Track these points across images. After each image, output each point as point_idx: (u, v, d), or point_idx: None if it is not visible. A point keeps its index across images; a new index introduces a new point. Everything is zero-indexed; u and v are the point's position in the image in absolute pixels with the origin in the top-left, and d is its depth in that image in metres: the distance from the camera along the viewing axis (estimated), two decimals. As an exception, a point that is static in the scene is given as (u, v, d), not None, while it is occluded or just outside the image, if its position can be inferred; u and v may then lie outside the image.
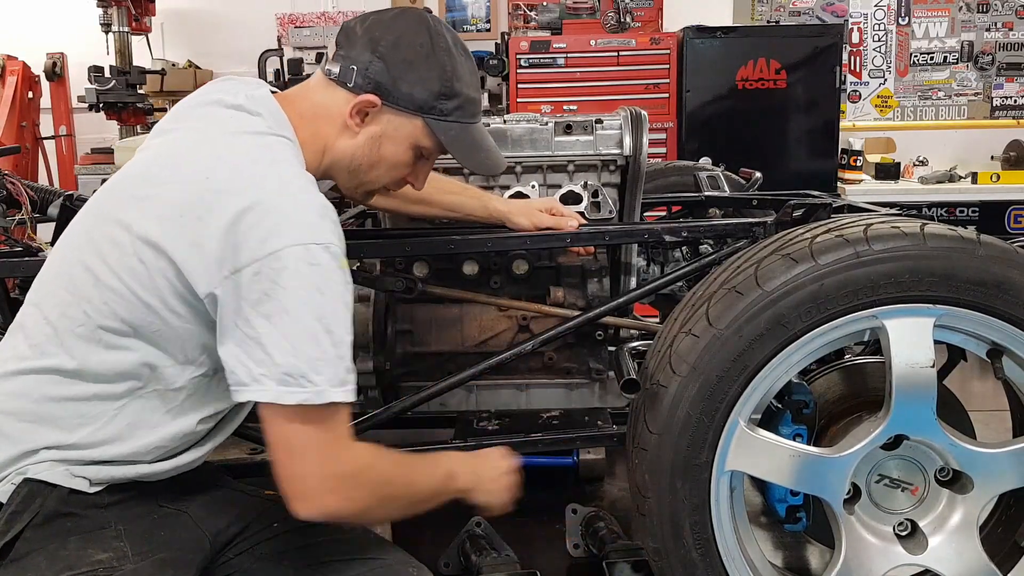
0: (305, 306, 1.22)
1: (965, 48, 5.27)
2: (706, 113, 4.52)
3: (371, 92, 1.40)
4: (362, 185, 1.51)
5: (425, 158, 1.51)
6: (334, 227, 1.28)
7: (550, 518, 2.36)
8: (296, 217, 1.25)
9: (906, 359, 1.55)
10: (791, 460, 1.59)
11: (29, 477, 1.31)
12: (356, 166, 1.46)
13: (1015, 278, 1.53)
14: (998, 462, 1.61)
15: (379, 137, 1.44)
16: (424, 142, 1.46)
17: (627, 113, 2.05)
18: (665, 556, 1.63)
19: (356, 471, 1.29)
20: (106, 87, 4.36)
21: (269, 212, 1.24)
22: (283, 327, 1.21)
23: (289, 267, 1.22)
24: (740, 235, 1.89)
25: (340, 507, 1.28)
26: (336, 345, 1.24)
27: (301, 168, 1.36)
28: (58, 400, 1.31)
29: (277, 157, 1.34)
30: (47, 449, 1.31)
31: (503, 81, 4.88)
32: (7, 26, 5.21)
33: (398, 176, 1.51)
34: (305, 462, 1.25)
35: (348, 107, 1.40)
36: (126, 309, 1.28)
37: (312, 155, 1.43)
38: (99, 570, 1.26)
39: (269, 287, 1.21)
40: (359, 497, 1.29)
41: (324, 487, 1.26)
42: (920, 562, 1.66)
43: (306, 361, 1.22)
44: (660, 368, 1.60)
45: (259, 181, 1.27)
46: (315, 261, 1.23)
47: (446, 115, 1.44)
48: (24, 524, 1.29)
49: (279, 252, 1.21)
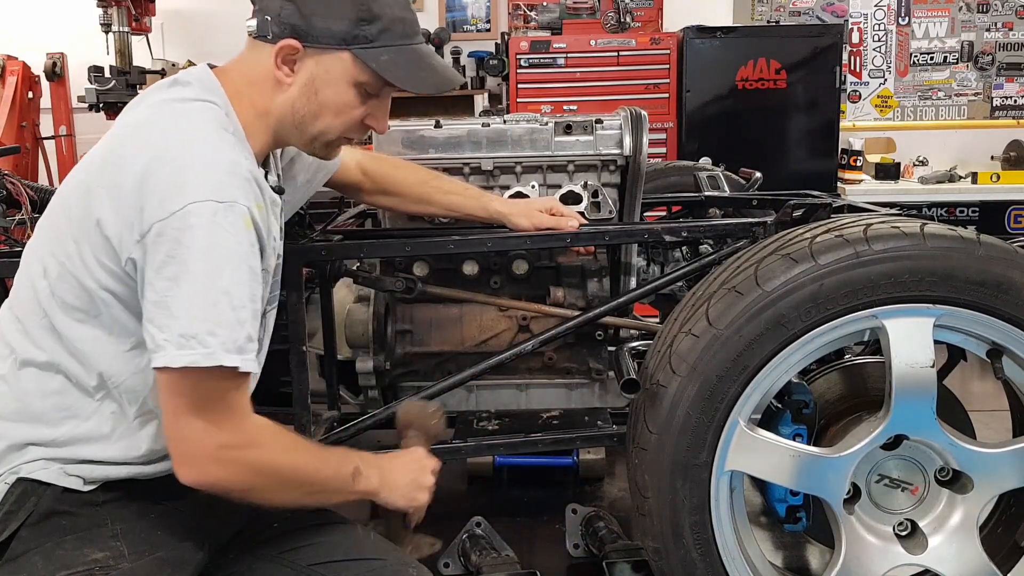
0: (204, 266, 1.19)
1: (965, 48, 5.27)
2: (706, 113, 4.51)
3: (289, 37, 1.33)
4: (316, 139, 1.43)
5: (373, 95, 1.41)
6: (243, 184, 1.25)
7: (550, 518, 2.36)
8: (199, 175, 1.22)
9: (906, 359, 1.55)
10: (791, 460, 1.59)
11: (23, 476, 1.31)
12: (300, 119, 1.39)
13: (1015, 278, 1.53)
14: (998, 462, 1.61)
15: (312, 82, 1.36)
16: (360, 76, 1.37)
17: (627, 113, 2.05)
18: (665, 556, 1.63)
19: (243, 446, 1.26)
20: (106, 87, 4.35)
21: (171, 172, 1.22)
22: (184, 289, 1.19)
23: (191, 226, 1.19)
24: (740, 235, 1.89)
25: (223, 479, 1.26)
26: (235, 309, 1.21)
27: (218, 128, 1.31)
28: (38, 395, 1.32)
29: (192, 119, 1.31)
30: (35, 446, 1.32)
31: (503, 81, 4.88)
32: (7, 26, 5.20)
33: (350, 121, 1.41)
34: (192, 426, 1.23)
35: (272, 60, 1.35)
36: (71, 295, 1.29)
37: (256, 121, 1.39)
38: (95, 569, 1.26)
39: (171, 248, 1.19)
40: (244, 474, 1.27)
41: (208, 455, 1.24)
42: (920, 562, 1.66)
43: (201, 323, 1.19)
44: (660, 368, 1.60)
45: (165, 143, 1.26)
46: (216, 220, 1.20)
47: (372, 41, 1.35)
48: (19, 523, 1.29)
49: (180, 211, 1.19)
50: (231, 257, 1.21)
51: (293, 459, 1.32)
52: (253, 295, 1.25)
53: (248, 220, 1.24)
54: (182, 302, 1.19)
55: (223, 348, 1.19)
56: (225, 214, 1.21)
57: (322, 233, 1.93)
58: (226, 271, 1.21)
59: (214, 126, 1.31)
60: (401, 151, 2.02)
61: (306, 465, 1.34)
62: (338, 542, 1.47)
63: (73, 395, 1.32)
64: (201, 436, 1.23)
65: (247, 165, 1.29)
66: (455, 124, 2.04)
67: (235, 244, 1.22)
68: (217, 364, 1.19)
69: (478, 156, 2.02)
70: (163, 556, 1.34)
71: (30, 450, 1.32)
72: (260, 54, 1.37)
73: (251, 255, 1.25)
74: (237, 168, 1.26)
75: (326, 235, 1.93)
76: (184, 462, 1.25)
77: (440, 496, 1.43)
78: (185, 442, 1.24)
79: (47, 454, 1.32)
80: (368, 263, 2.04)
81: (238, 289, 1.22)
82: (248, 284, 1.24)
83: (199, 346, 1.18)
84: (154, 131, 1.30)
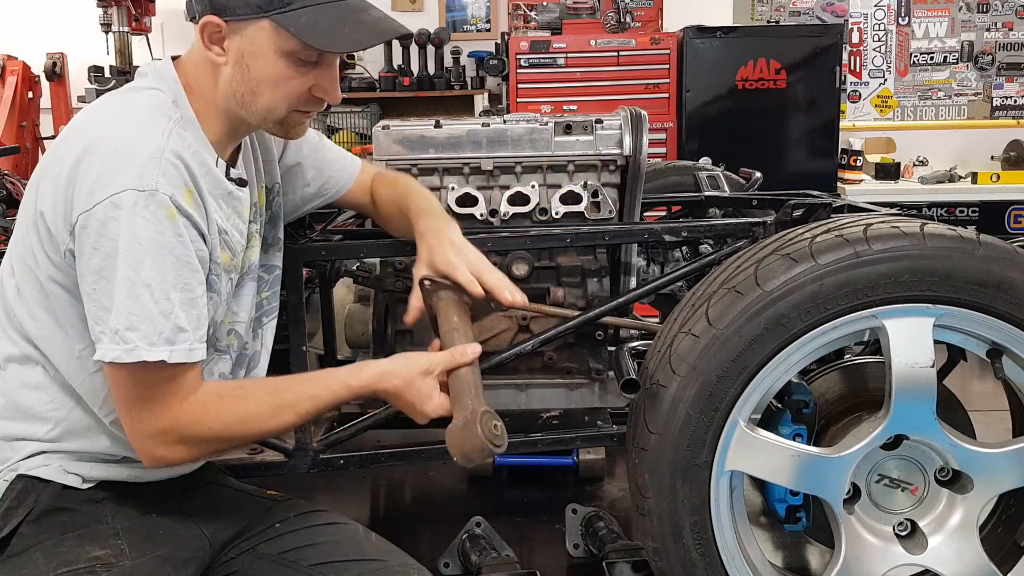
0: (125, 258, 1.19)
1: (965, 48, 5.27)
2: (706, 113, 4.51)
3: (209, 13, 1.29)
4: (265, 117, 1.36)
5: (311, 63, 1.33)
6: (168, 170, 1.23)
7: (550, 518, 2.36)
8: (123, 163, 1.21)
9: (906, 359, 1.55)
10: (791, 460, 1.59)
11: (22, 473, 1.32)
12: (241, 98, 1.33)
13: (1015, 278, 1.53)
14: (998, 462, 1.61)
15: (242, 58, 1.31)
16: (286, 45, 1.29)
17: (627, 113, 2.05)
18: (665, 556, 1.63)
19: (184, 426, 1.26)
20: (106, 87, 4.35)
21: (97, 162, 1.21)
22: (107, 282, 1.19)
23: (112, 216, 1.19)
24: (740, 235, 1.88)
25: (179, 458, 1.29)
26: (157, 301, 1.20)
27: (155, 114, 1.29)
28: (24, 389, 1.34)
29: (130, 108, 1.31)
30: (31, 442, 1.33)
31: (503, 81, 4.88)
32: (7, 26, 5.20)
33: (292, 93, 1.34)
34: (132, 416, 1.25)
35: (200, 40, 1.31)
36: (29, 290, 1.31)
37: (208, 109, 1.35)
38: (97, 566, 1.26)
39: (96, 240, 1.20)
40: (196, 448, 1.30)
41: (153, 441, 1.26)
42: (920, 562, 1.66)
43: (124, 317, 1.19)
44: (660, 368, 1.60)
45: (97, 134, 1.26)
46: (137, 209, 1.19)
47: (289, 4, 1.28)
48: (20, 520, 1.29)
49: (102, 202, 1.19)
50: (151, 247, 1.20)
51: (243, 410, 1.31)
52: (183, 283, 1.24)
53: (171, 208, 1.22)
54: (109, 295, 1.20)
55: (145, 342, 1.20)
56: (146, 203, 1.20)
57: (322, 233, 1.93)
58: (146, 262, 1.20)
59: (151, 113, 1.29)
60: (400, 151, 2.02)
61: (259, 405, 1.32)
62: (339, 542, 1.47)
63: (53, 389, 1.34)
64: (142, 425, 1.26)
65: (175, 149, 1.25)
66: (455, 124, 2.04)
67: (155, 234, 1.21)
68: (139, 360, 1.20)
69: (478, 156, 2.02)
70: (164, 554, 1.34)
71: (27, 446, 1.33)
72: (198, 38, 1.34)
73: (177, 244, 1.23)
74: (160, 153, 1.23)
75: (326, 235, 1.93)
76: (140, 452, 1.28)
77: (440, 496, 1.42)
78: (131, 431, 1.27)
79: (44, 449, 1.33)
80: (368, 263, 2.04)
81: (160, 280, 1.21)
82: (173, 273, 1.22)
83: (121, 342, 1.20)
84: (90, 123, 1.30)
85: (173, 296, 1.22)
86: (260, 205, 1.52)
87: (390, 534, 1.56)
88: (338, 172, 1.71)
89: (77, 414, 1.34)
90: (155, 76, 1.36)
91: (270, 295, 1.58)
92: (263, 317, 1.57)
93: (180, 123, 1.30)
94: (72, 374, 1.32)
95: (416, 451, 1.94)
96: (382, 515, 2.59)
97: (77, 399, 1.34)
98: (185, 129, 1.31)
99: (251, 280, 1.49)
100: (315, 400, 1.34)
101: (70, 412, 1.34)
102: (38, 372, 1.34)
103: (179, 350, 1.23)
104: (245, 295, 1.49)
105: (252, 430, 1.33)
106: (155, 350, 1.20)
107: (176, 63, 1.39)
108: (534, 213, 2.02)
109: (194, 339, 1.25)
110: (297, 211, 1.72)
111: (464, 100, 5.07)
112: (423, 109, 5.01)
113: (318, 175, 1.68)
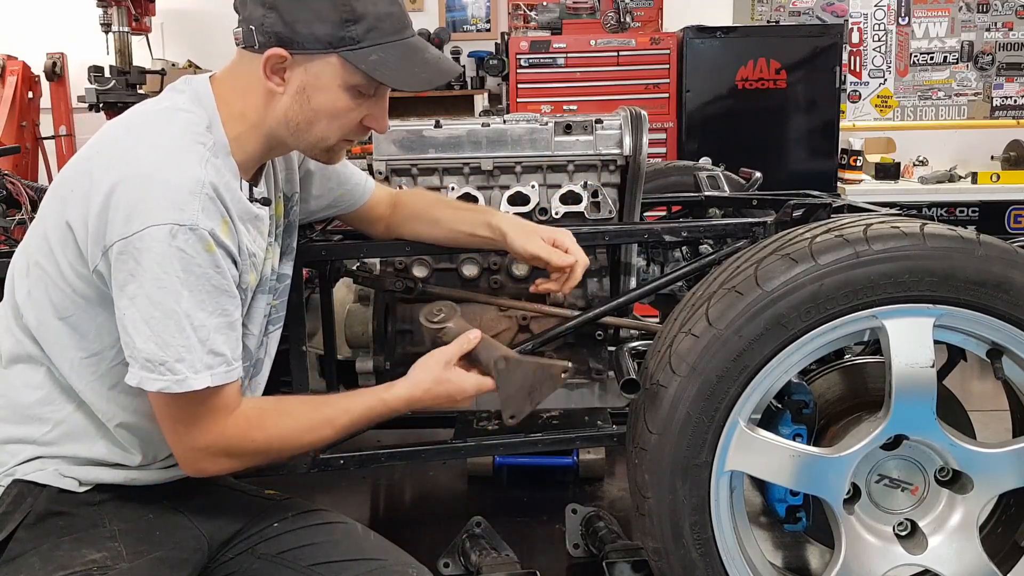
0: (164, 291, 1.21)
1: (965, 48, 5.27)
2: (706, 113, 4.51)
3: (275, 46, 1.29)
4: (315, 145, 1.40)
5: (368, 95, 1.37)
6: (207, 205, 1.24)
7: (550, 518, 2.36)
8: (162, 194, 1.22)
9: (906, 359, 1.55)
10: (791, 460, 1.59)
11: (18, 478, 1.32)
12: (295, 127, 1.36)
13: (1015, 278, 1.53)
14: (998, 462, 1.61)
15: (304, 90, 1.33)
16: (352, 79, 1.33)
17: (627, 113, 2.05)
18: (665, 556, 1.63)
19: (230, 440, 1.31)
20: (106, 87, 4.35)
21: (136, 189, 1.22)
22: (143, 311, 1.21)
23: (151, 249, 1.20)
24: (740, 235, 1.88)
25: (221, 470, 1.34)
26: (197, 330, 1.23)
27: (191, 142, 1.29)
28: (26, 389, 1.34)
29: (166, 132, 1.30)
30: (27, 445, 1.33)
31: (503, 81, 4.88)
32: (7, 26, 5.21)
33: (348, 124, 1.38)
34: (175, 436, 1.30)
35: (261, 71, 1.32)
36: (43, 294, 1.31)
37: (248, 131, 1.36)
38: (93, 570, 1.26)
39: (133, 267, 1.21)
40: (240, 460, 1.34)
41: (197, 457, 1.31)
42: (920, 562, 1.66)
43: (165, 349, 1.22)
44: (660, 368, 1.60)
45: (134, 158, 1.26)
46: (177, 243, 1.20)
47: (359, 42, 1.30)
48: (16, 524, 1.29)
49: (142, 232, 1.20)
50: (188, 280, 1.22)
51: (284, 424, 1.36)
52: (221, 310, 1.27)
53: (209, 243, 1.24)
54: (140, 324, 1.22)
55: (192, 371, 1.23)
56: (186, 237, 1.21)
57: (322, 233, 1.93)
58: (185, 294, 1.22)
59: (187, 140, 1.30)
60: (400, 151, 2.02)
61: (299, 419, 1.37)
62: (338, 542, 1.47)
63: (54, 390, 1.34)
64: (188, 440, 1.30)
65: (212, 181, 1.26)
66: (455, 124, 2.04)
67: (195, 266, 1.23)
68: (189, 390, 1.23)
69: (478, 156, 2.02)
70: (161, 556, 1.34)
71: (24, 450, 1.33)
72: (250, 64, 1.34)
73: (214, 275, 1.25)
74: (200, 188, 1.24)
75: (326, 235, 1.93)
76: (183, 463, 1.33)
77: (440, 496, 1.42)
78: (176, 445, 1.32)
79: (41, 453, 1.33)
80: (368, 263, 2.04)
81: (199, 311, 1.24)
82: (211, 302, 1.25)
83: (169, 373, 1.22)
84: (128, 144, 1.30)
85: (210, 323, 1.25)
86: (278, 216, 1.53)
87: (390, 534, 1.56)
88: (355, 187, 1.73)
89: (77, 418, 1.34)
90: (192, 97, 1.36)
91: (279, 304, 1.58)
92: (270, 325, 1.56)
93: (213, 150, 1.31)
94: (76, 378, 1.33)
95: (416, 451, 1.94)
96: (382, 515, 2.59)
97: (78, 403, 1.34)
98: (217, 156, 1.31)
99: (262, 293, 1.49)
100: (349, 415, 1.39)
101: (70, 415, 1.34)
102: (41, 373, 1.34)
103: (219, 373, 1.26)
104: (257, 308, 1.49)
105: (292, 443, 1.37)
106: (200, 377, 1.24)
107: (213, 82, 1.38)
108: (534, 213, 2.02)
109: (232, 359, 1.29)
110: (309, 219, 1.74)
111: (464, 100, 5.07)
112: (423, 109, 5.00)
113: (336, 186, 1.69)
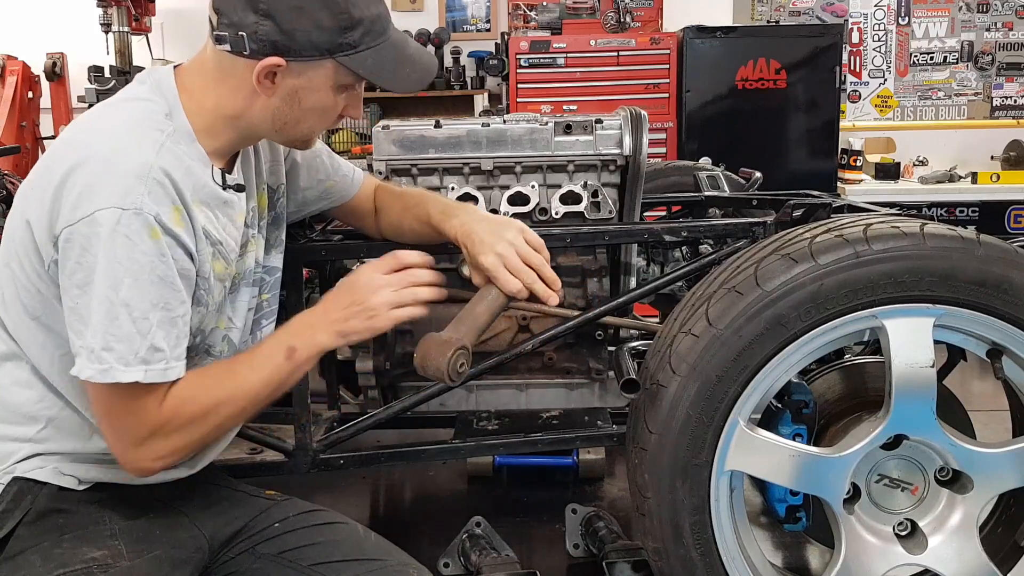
0: (106, 277, 1.19)
1: (965, 48, 5.27)
2: (706, 113, 4.52)
3: (271, 54, 1.28)
4: (295, 139, 1.43)
5: (350, 88, 1.39)
6: (154, 189, 1.22)
7: (550, 518, 2.36)
8: (109, 179, 1.21)
9: (906, 359, 1.55)
10: (791, 460, 1.59)
11: (18, 476, 1.32)
12: (281, 125, 1.37)
13: (1015, 278, 1.53)
14: (998, 462, 1.61)
15: (295, 93, 1.33)
16: (344, 80, 1.35)
17: (627, 113, 2.05)
18: (665, 556, 1.63)
19: (159, 433, 1.27)
20: (106, 87, 4.35)
21: (84, 177, 1.21)
22: (88, 298, 1.20)
23: (96, 233, 1.19)
24: (740, 235, 1.88)
25: (160, 463, 1.30)
26: (135, 320, 1.20)
27: (147, 128, 1.28)
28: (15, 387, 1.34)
29: (122, 119, 1.30)
30: (24, 443, 1.33)
31: (503, 81, 4.88)
32: (7, 26, 5.21)
33: (331, 118, 1.41)
34: (110, 428, 1.28)
35: (252, 75, 1.29)
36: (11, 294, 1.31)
37: (220, 121, 1.35)
38: (94, 568, 1.26)
39: (79, 255, 1.20)
40: (176, 446, 1.30)
41: (133, 454, 1.28)
42: (920, 562, 1.66)
43: (100, 336, 1.19)
44: (660, 368, 1.60)
45: (86, 145, 1.25)
46: (121, 228, 1.19)
47: (356, 47, 1.31)
48: (16, 522, 1.29)
49: (87, 218, 1.19)
50: (131, 267, 1.20)
51: (218, 398, 1.31)
52: (164, 303, 1.23)
53: (155, 228, 1.22)
54: (87, 312, 1.20)
55: (120, 362, 1.20)
56: (129, 222, 1.19)
57: (322, 233, 1.93)
58: (126, 281, 1.20)
59: (142, 127, 1.29)
60: (400, 151, 2.02)
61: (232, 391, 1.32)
62: (339, 542, 1.47)
63: (42, 388, 1.34)
64: (120, 436, 1.28)
65: (164, 166, 1.25)
66: (455, 124, 2.04)
67: (138, 254, 1.20)
68: (113, 381, 1.20)
69: (478, 156, 2.02)
70: (162, 555, 1.34)
71: (22, 448, 1.33)
72: (232, 65, 1.31)
73: (159, 264, 1.23)
74: (148, 171, 1.23)
75: (326, 235, 1.93)
76: (121, 462, 1.30)
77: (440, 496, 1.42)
78: (113, 446, 1.29)
79: (39, 451, 1.33)
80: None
81: (139, 300, 1.21)
82: (153, 293, 1.22)
83: (96, 362, 1.20)
84: (83, 136, 1.30)
85: (151, 316, 1.22)
86: (261, 207, 1.52)
87: (390, 534, 1.56)
88: (343, 178, 1.71)
89: (67, 414, 1.34)
90: (153, 86, 1.35)
91: (270, 297, 1.57)
92: (262, 319, 1.56)
93: (173, 136, 1.29)
94: (57, 376, 1.32)
95: (416, 451, 1.94)
96: (382, 515, 2.59)
97: (66, 400, 1.34)
98: (178, 143, 1.30)
99: (247, 285, 1.47)
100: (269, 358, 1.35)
101: (60, 411, 1.34)
102: (27, 370, 1.34)
103: (154, 370, 1.23)
104: (241, 300, 1.47)
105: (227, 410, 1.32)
106: (130, 371, 1.21)
107: (178, 72, 1.37)
108: (534, 213, 2.03)
109: (171, 358, 1.25)
110: (300, 213, 1.72)
111: (464, 100, 5.07)
112: (423, 109, 5.01)
113: (324, 178, 1.68)
